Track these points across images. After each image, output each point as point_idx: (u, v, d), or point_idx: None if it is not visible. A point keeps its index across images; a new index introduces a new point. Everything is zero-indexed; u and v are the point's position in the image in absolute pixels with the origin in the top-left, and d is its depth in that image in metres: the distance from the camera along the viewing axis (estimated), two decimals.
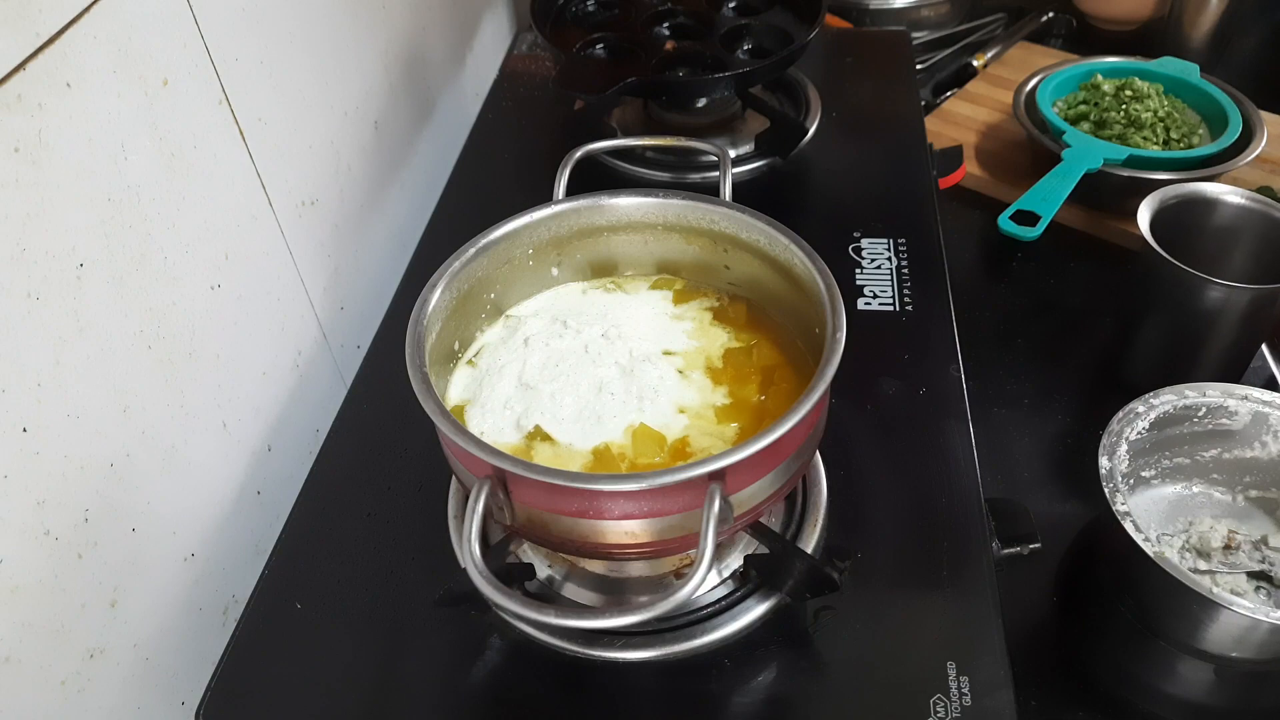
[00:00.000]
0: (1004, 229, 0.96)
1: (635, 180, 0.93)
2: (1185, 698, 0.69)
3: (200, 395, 0.65)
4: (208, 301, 0.65)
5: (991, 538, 0.62)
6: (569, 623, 0.47)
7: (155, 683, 0.62)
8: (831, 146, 0.97)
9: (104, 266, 0.55)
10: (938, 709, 0.52)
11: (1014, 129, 1.11)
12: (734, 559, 0.61)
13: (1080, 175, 0.98)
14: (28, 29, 0.48)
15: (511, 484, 0.49)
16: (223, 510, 0.68)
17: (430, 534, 0.63)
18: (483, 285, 0.62)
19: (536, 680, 0.57)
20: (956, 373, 0.72)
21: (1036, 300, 0.97)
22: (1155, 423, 0.73)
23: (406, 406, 0.50)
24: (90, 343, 0.54)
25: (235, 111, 0.67)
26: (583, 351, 0.61)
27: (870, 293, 0.79)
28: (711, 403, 0.59)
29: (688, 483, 0.46)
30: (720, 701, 0.55)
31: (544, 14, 0.99)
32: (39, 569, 0.51)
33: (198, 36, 0.62)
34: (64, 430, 0.52)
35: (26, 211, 0.49)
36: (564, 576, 0.61)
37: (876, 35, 1.24)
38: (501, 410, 0.58)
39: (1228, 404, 0.74)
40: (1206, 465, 0.76)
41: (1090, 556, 0.76)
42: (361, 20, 0.87)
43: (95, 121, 0.53)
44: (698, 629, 0.57)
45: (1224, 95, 1.06)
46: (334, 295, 0.83)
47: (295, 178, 0.76)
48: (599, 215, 0.64)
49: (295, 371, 0.77)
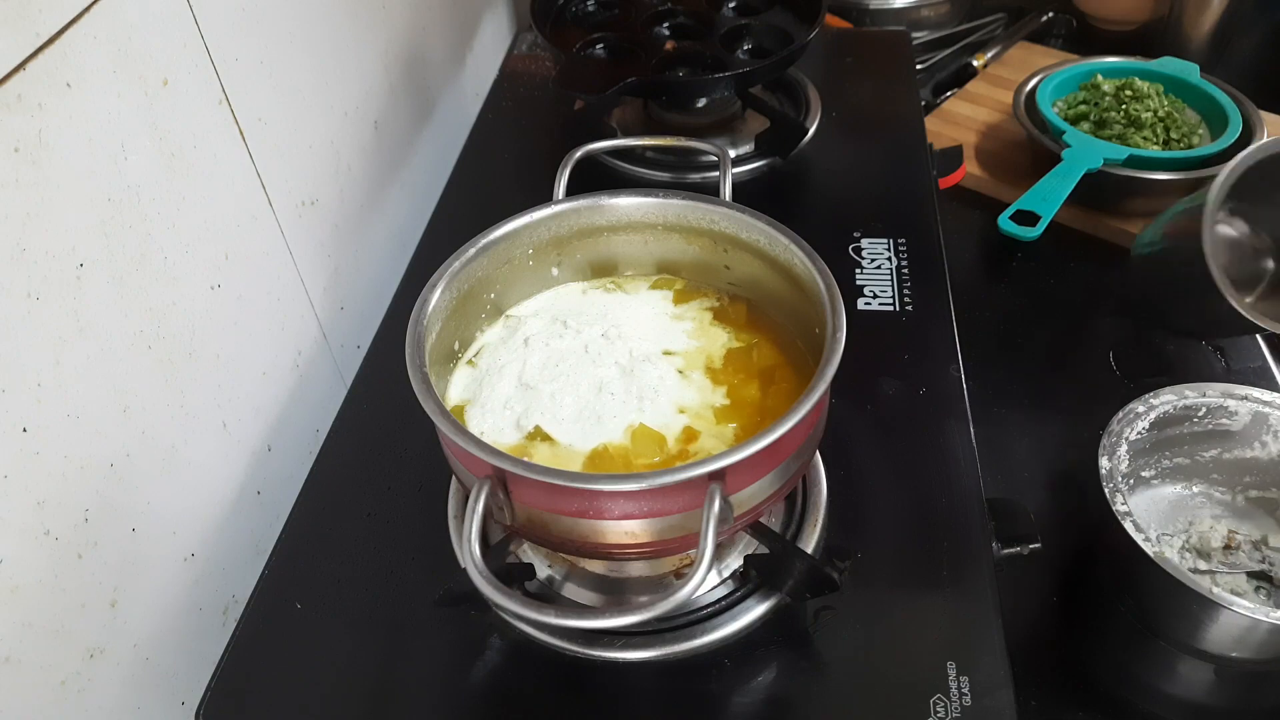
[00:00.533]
0: (1004, 229, 0.96)
1: (635, 180, 0.93)
2: (1185, 698, 0.69)
3: (200, 395, 0.65)
4: (208, 301, 0.65)
5: (991, 538, 0.62)
6: (569, 623, 0.47)
7: (155, 683, 0.62)
8: (831, 146, 0.97)
9: (104, 266, 0.55)
10: (938, 709, 0.52)
11: (1014, 129, 1.11)
12: (734, 559, 0.61)
13: (1080, 175, 0.98)
14: (28, 29, 0.48)
15: (511, 484, 0.49)
16: (223, 510, 0.68)
17: (430, 534, 0.63)
18: (483, 285, 0.62)
19: (536, 680, 0.57)
20: (956, 373, 0.72)
21: (1036, 300, 0.97)
22: (1155, 423, 0.73)
23: (406, 406, 0.50)
24: (90, 343, 0.54)
25: (235, 111, 0.67)
26: (583, 351, 0.61)
27: (870, 293, 0.79)
28: (711, 403, 0.59)
29: (688, 483, 0.46)
30: (720, 701, 0.55)
31: (544, 14, 0.99)
32: (39, 569, 0.51)
33: (198, 36, 0.62)
34: (64, 430, 0.52)
35: (26, 211, 0.49)
36: (564, 576, 0.61)
37: (876, 35, 1.24)
38: (501, 410, 0.58)
39: (1228, 404, 0.74)
40: (1206, 465, 0.76)
41: (1090, 556, 0.76)
42: (361, 20, 0.87)
43: (95, 121, 0.53)
44: (698, 629, 0.57)
45: (1224, 95, 1.06)
46: (334, 295, 0.83)
47: (295, 178, 0.76)
48: (599, 215, 0.64)
49: (295, 371, 0.77)
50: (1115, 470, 0.69)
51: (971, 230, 1.05)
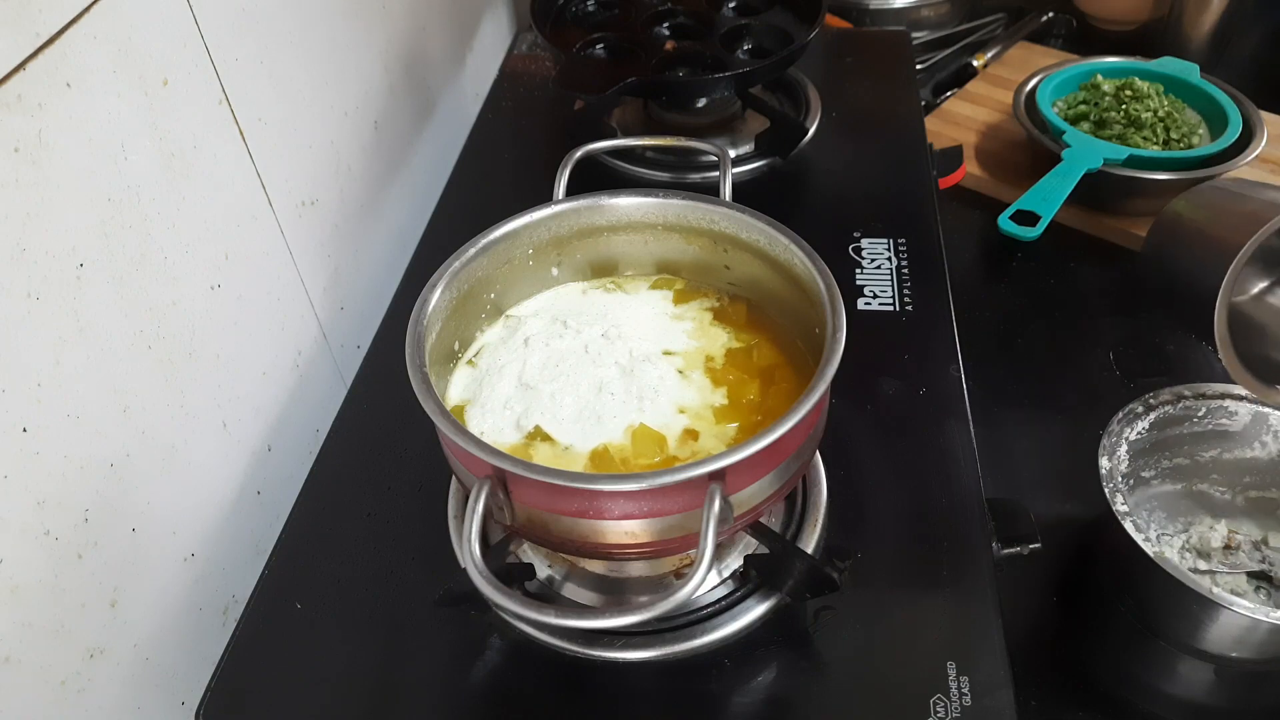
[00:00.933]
0: (1004, 229, 0.96)
1: (635, 180, 0.93)
2: (1185, 697, 0.69)
3: (200, 395, 0.65)
4: (208, 301, 0.65)
5: (991, 538, 0.62)
6: (569, 623, 0.47)
7: (155, 683, 0.62)
8: (831, 146, 0.97)
9: (104, 266, 0.55)
10: (938, 709, 0.52)
11: (1014, 129, 1.11)
12: (734, 559, 0.61)
13: (1080, 175, 0.98)
14: (28, 29, 0.48)
15: (511, 484, 0.49)
16: (223, 510, 0.68)
17: (430, 534, 0.63)
18: (483, 285, 0.62)
19: (536, 680, 0.57)
20: (956, 373, 0.71)
21: (1036, 300, 0.97)
22: (1155, 423, 0.73)
23: (406, 406, 0.50)
24: (90, 343, 0.54)
25: (235, 111, 0.67)
26: (583, 351, 0.61)
27: (870, 293, 0.79)
28: (711, 403, 0.59)
29: (688, 483, 0.46)
30: (720, 701, 0.55)
31: (544, 14, 0.99)
32: (39, 569, 0.51)
33: (198, 36, 0.62)
34: (64, 430, 0.52)
35: (26, 211, 0.49)
36: (564, 576, 0.61)
37: (876, 35, 1.24)
38: (501, 410, 0.58)
39: (1227, 404, 0.74)
40: (1206, 465, 0.76)
41: (1090, 556, 0.76)
42: (361, 20, 0.87)
43: (95, 121, 0.53)
44: (698, 629, 0.57)
45: (1224, 95, 1.06)
46: (334, 295, 0.83)
47: (295, 178, 0.76)
48: (599, 215, 0.64)
49: (295, 371, 0.77)
50: (1115, 470, 0.69)
51: (971, 230, 1.05)
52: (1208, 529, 0.75)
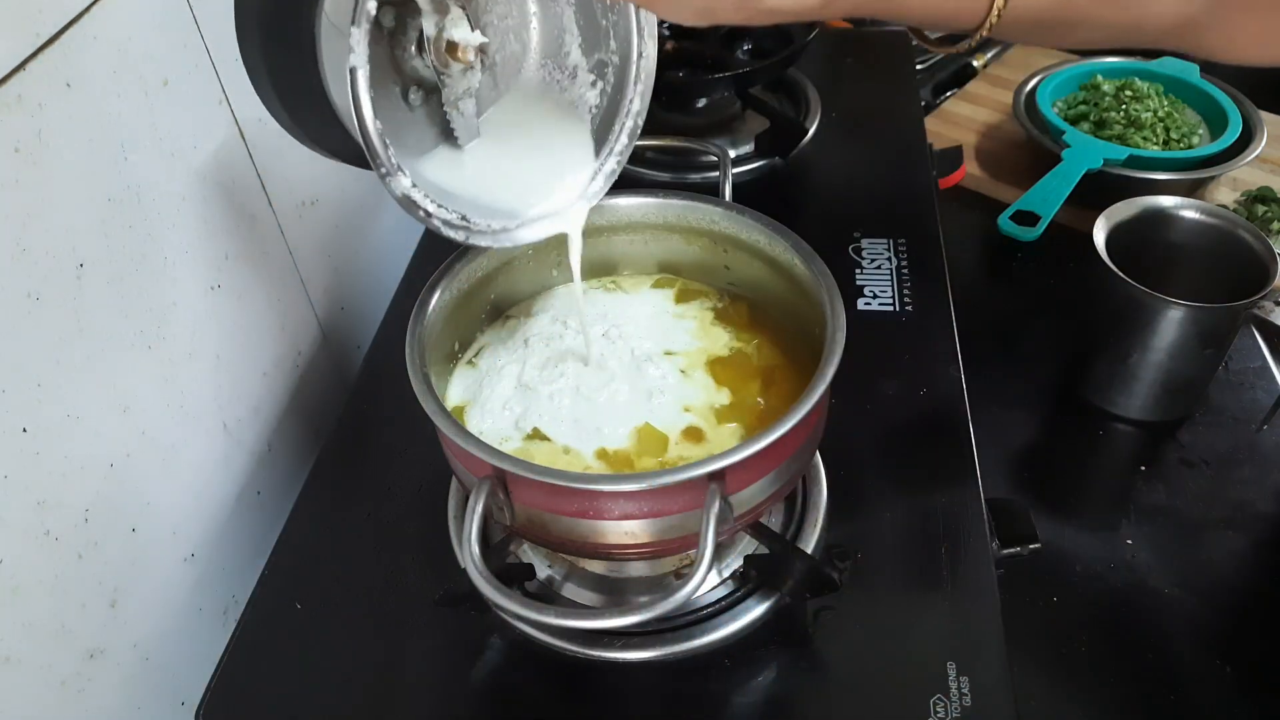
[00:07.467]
0: (1004, 229, 0.96)
1: (635, 180, 0.93)
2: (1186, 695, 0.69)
3: (200, 395, 0.65)
4: (208, 301, 0.65)
5: (991, 538, 0.62)
6: (569, 623, 0.47)
7: (155, 683, 0.62)
8: (831, 147, 0.97)
9: (104, 266, 0.55)
10: (938, 709, 0.52)
11: (1014, 129, 1.11)
12: (734, 559, 0.61)
13: (1080, 175, 0.98)
14: (28, 29, 0.48)
15: (511, 484, 0.49)
16: (223, 510, 0.68)
17: (430, 534, 0.63)
18: (483, 285, 0.62)
19: (536, 680, 0.57)
20: (956, 373, 0.71)
21: (1036, 300, 0.97)
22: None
23: (406, 406, 0.50)
24: (90, 343, 0.54)
25: (235, 111, 0.67)
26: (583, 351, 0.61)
27: (870, 293, 0.79)
28: (712, 403, 0.59)
29: (688, 483, 0.46)
30: (720, 701, 0.55)
31: None
32: (39, 569, 0.51)
33: (198, 36, 0.62)
34: (64, 430, 0.52)
35: (26, 211, 0.49)
36: (564, 576, 0.61)
37: (876, 35, 1.24)
38: (501, 411, 0.58)
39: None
40: None
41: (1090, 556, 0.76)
42: None
43: (95, 121, 0.53)
44: (698, 629, 0.57)
45: (1224, 95, 1.06)
46: (334, 295, 0.83)
47: (295, 178, 0.76)
48: (599, 215, 0.64)
49: (295, 371, 0.77)
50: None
51: (971, 230, 1.05)
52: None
